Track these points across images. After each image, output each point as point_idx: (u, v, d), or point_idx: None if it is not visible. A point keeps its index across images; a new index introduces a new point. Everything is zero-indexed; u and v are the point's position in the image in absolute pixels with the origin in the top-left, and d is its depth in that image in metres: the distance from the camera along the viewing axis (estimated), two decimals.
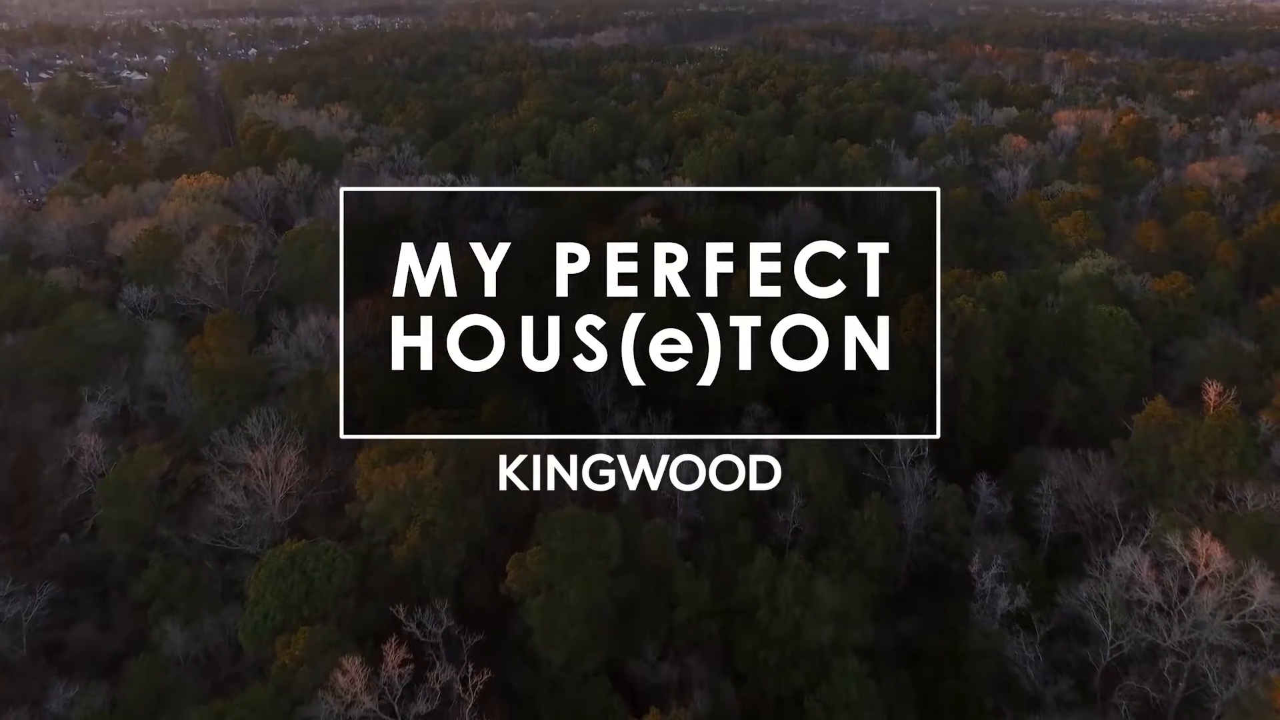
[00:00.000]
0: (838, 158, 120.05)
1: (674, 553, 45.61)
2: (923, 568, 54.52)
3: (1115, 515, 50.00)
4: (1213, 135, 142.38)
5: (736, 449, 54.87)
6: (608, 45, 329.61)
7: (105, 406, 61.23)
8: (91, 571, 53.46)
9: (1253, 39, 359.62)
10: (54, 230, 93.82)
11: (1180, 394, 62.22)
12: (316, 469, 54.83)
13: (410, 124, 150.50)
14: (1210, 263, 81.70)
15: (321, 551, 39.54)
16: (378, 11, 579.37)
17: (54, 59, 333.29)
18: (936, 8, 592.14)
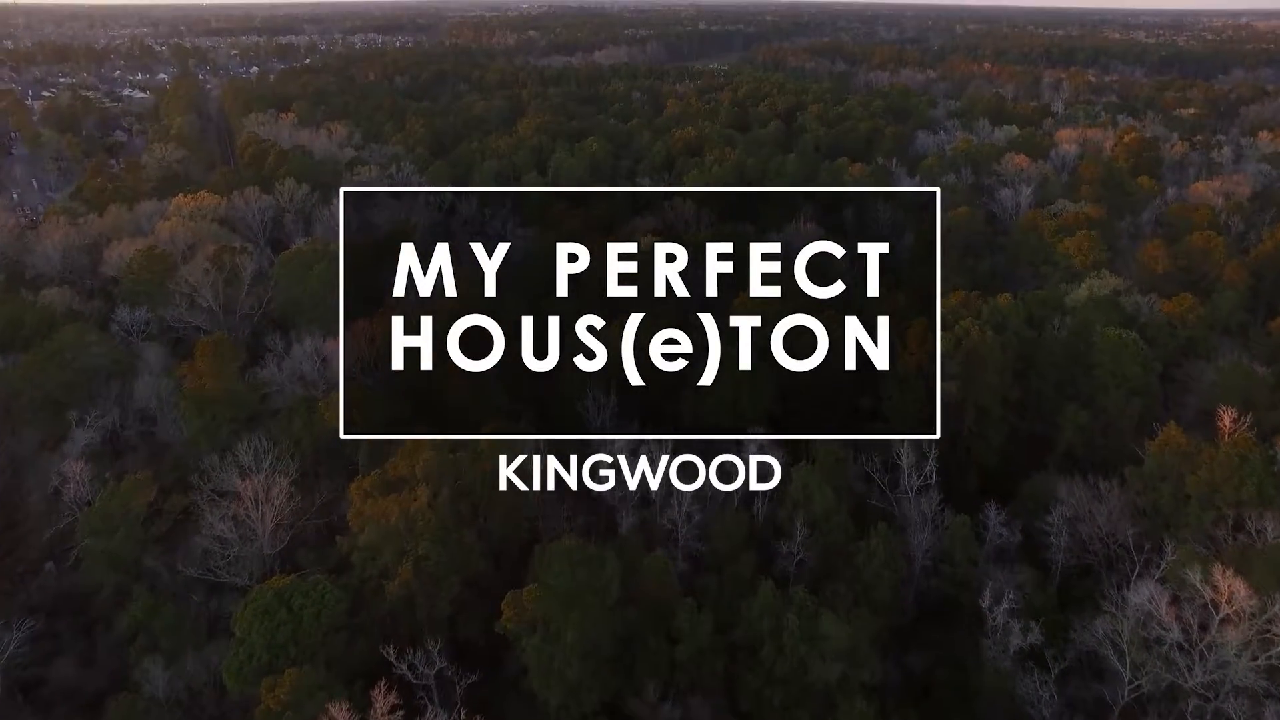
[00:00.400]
0: (839, 176, 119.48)
1: (675, 586, 44.18)
2: (931, 599, 53.03)
3: (1129, 545, 48.62)
4: (1215, 154, 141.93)
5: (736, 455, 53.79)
6: (608, 63, 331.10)
7: (94, 432, 59.95)
8: (76, 603, 52.02)
9: (1249, 57, 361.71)
10: (49, 250, 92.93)
11: (1192, 418, 60.91)
12: (309, 497, 53.50)
13: (409, 142, 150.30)
14: (1217, 283, 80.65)
15: (310, 588, 38.15)
16: (380, 30, 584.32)
17: (57, 77, 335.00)
18: (935, 26, 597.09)
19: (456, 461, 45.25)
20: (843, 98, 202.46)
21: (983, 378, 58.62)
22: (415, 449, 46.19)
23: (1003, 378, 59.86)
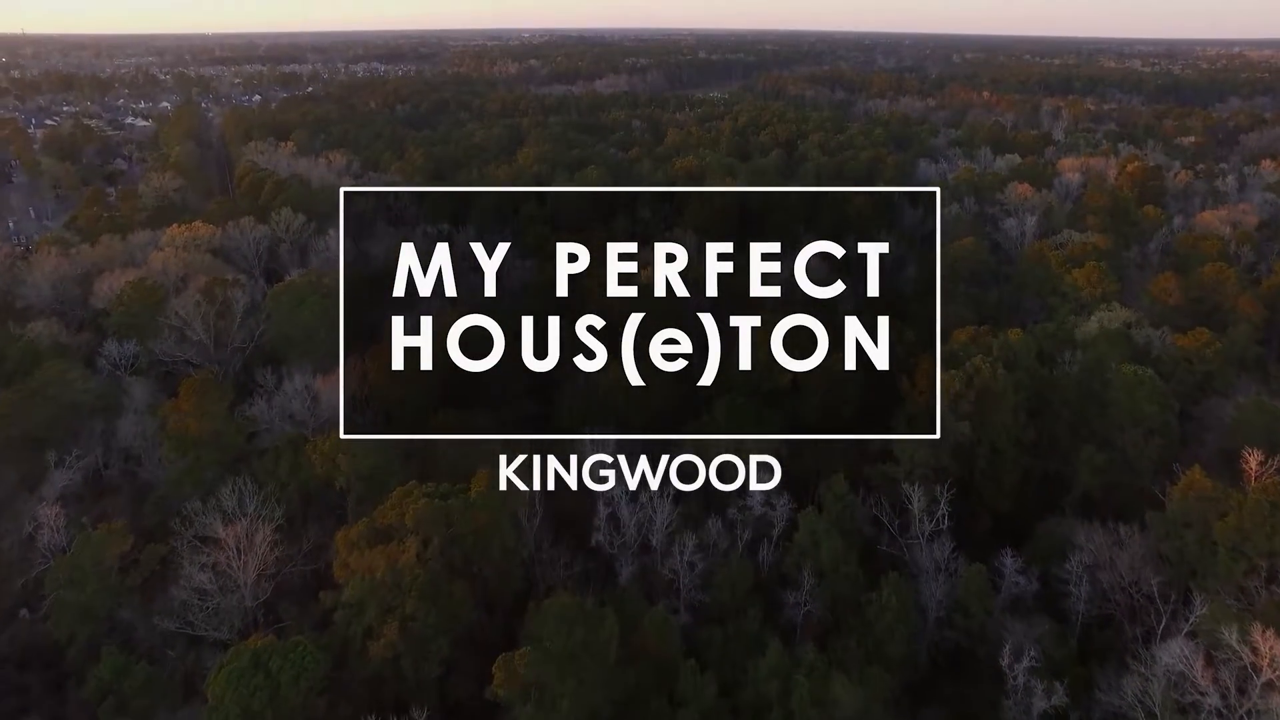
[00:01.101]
0: (842, 205, 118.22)
1: (678, 644, 41.80)
2: (945, 651, 50.58)
3: (1154, 595, 46.26)
4: (1219, 182, 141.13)
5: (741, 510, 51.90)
6: (609, 92, 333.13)
7: (73, 472, 57.83)
8: (47, 654, 49.56)
9: (1244, 86, 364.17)
10: (39, 281, 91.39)
11: (1212, 458, 58.71)
12: (295, 542, 51.32)
13: (408, 171, 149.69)
14: (1231, 315, 78.93)
15: (289, 649, 35.84)
16: (383, 58, 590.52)
17: (61, 106, 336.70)
18: (932, 55, 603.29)
19: (448, 509, 43.13)
20: (843, 126, 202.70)
21: (995, 418, 56.61)
22: (405, 496, 44.10)
23: (1016, 417, 57.83)
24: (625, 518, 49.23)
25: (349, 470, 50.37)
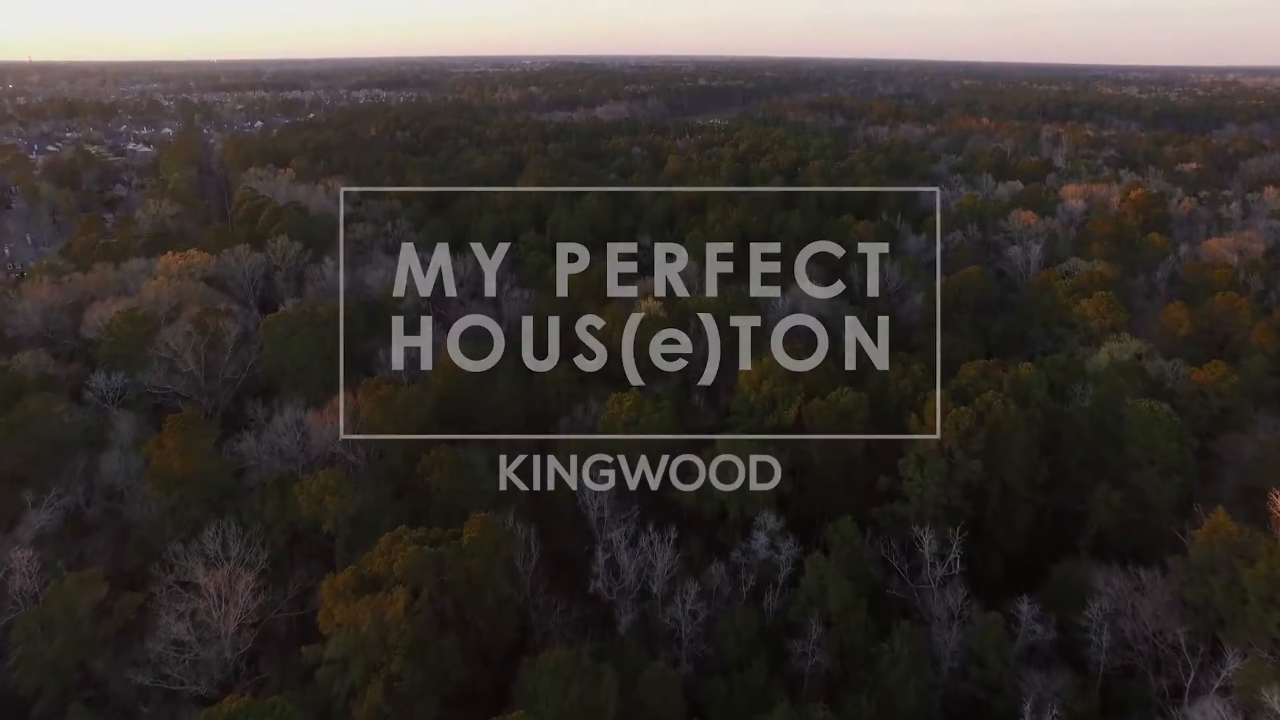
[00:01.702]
0: (844, 233, 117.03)
1: (680, 701, 39.55)
2: (958, 702, 48.16)
3: (1181, 646, 44.04)
4: (1223, 209, 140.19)
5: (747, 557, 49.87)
6: (609, 119, 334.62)
7: (52, 513, 55.67)
8: (16, 706, 47.15)
9: (1241, 113, 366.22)
10: (28, 310, 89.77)
11: (1233, 496, 56.67)
12: (281, 586, 49.18)
13: (407, 197, 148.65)
14: (1244, 347, 77.20)
15: (266, 710, 33.63)
16: (384, 85, 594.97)
17: (64, 132, 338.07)
18: (931, 82, 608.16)
19: (439, 556, 41.07)
20: (844, 153, 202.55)
21: (1007, 456, 54.63)
22: (395, 542, 42.05)
23: (1029, 456, 55.86)
24: (625, 563, 47.13)
25: (336, 512, 48.33)
